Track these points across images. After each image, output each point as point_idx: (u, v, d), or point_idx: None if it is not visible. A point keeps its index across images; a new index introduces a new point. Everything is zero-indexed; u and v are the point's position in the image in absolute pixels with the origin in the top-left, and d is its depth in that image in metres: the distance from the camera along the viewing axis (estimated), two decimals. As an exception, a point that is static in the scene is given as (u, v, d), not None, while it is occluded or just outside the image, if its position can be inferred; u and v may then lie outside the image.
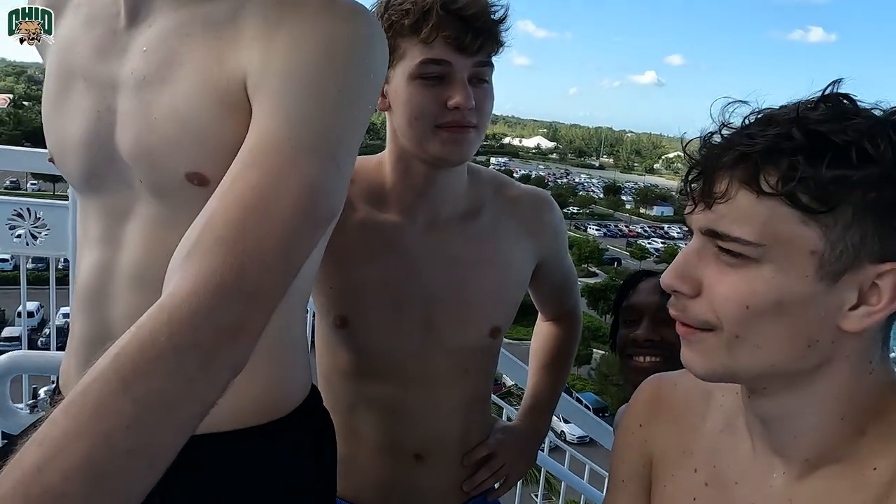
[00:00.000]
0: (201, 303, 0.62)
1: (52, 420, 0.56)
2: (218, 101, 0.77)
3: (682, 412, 0.88)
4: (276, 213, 0.68)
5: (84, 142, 0.86)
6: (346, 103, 0.76)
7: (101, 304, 0.91)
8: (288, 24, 0.76)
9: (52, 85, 0.91)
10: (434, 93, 1.11)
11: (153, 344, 0.59)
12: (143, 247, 0.86)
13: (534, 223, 1.33)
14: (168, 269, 0.68)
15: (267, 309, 0.68)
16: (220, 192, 0.70)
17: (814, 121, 0.63)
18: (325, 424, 1.08)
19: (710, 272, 0.68)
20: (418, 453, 1.30)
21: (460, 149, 1.15)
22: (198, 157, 0.79)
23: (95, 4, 0.89)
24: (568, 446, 2.88)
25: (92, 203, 0.91)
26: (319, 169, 0.72)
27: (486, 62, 1.14)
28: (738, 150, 0.66)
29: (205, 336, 0.61)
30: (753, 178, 0.64)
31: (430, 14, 1.08)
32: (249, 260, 0.65)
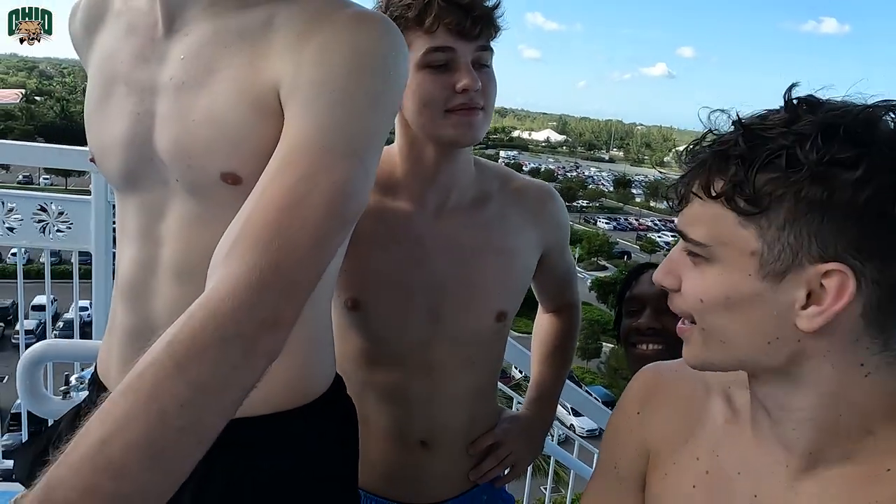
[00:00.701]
0: (243, 297, 0.68)
1: (112, 400, 0.63)
2: (251, 106, 0.84)
3: (684, 401, 0.89)
4: (309, 213, 0.74)
5: (124, 142, 0.93)
6: (373, 109, 0.82)
7: (143, 297, 0.97)
8: (318, 36, 0.81)
9: (94, 90, 0.97)
10: (441, 79, 1.17)
11: (203, 333, 0.66)
12: (181, 243, 0.92)
13: (539, 213, 1.38)
14: (210, 264, 0.75)
15: (300, 301, 0.74)
16: (256, 193, 0.76)
17: (759, 127, 0.68)
18: (349, 411, 1.13)
19: (684, 269, 0.75)
20: (424, 440, 1.34)
21: (471, 131, 1.20)
22: (232, 158, 0.85)
23: (134, 14, 0.95)
24: (577, 437, 2.92)
25: (130, 201, 0.97)
26: (348, 171, 0.78)
27: (487, 46, 1.21)
28: (697, 159, 0.73)
29: (247, 327, 0.68)
30: (705, 184, 0.70)
31: (431, 5, 1.15)
32: (285, 257, 0.71)
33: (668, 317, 1.40)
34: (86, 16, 1.03)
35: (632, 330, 1.46)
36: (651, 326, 1.42)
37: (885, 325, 0.68)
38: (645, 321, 1.43)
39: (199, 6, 0.88)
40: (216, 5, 0.88)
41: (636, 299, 1.48)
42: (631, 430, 0.93)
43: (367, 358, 1.33)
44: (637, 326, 1.44)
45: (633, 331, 1.45)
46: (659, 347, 1.40)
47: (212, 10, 0.88)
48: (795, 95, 0.70)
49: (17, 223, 2.30)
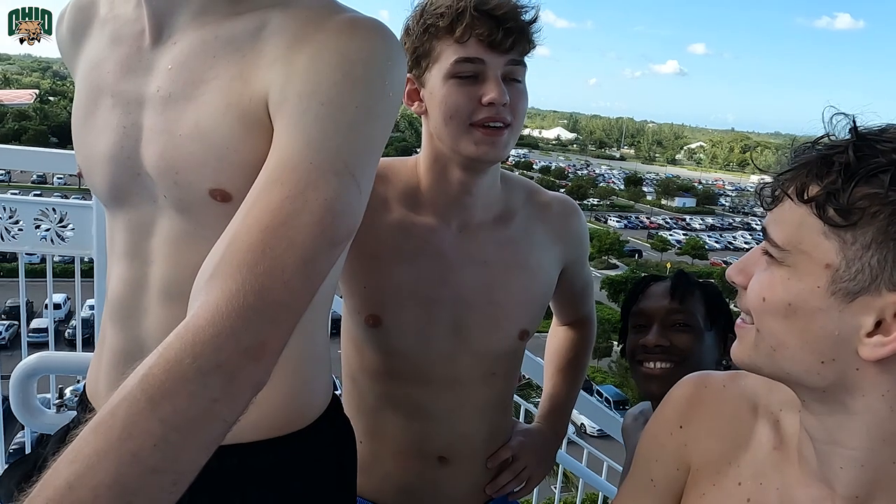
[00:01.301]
0: (224, 324, 0.64)
1: (82, 438, 0.59)
2: (240, 119, 0.79)
3: (730, 420, 0.85)
4: (297, 234, 0.70)
5: (110, 157, 0.89)
6: (365, 122, 0.78)
7: (132, 316, 0.93)
8: (308, 45, 0.77)
9: (81, 101, 0.94)
10: (469, 91, 1.15)
11: (179, 365, 0.62)
12: (170, 262, 0.89)
13: (562, 229, 1.36)
14: (192, 289, 0.71)
15: (288, 327, 0.70)
16: (241, 212, 0.72)
17: (874, 139, 0.64)
18: (345, 433, 1.09)
19: (757, 268, 0.73)
20: (442, 455, 1.32)
21: (494, 149, 1.17)
22: (220, 174, 0.81)
23: (120, 22, 0.91)
24: (585, 443, 2.88)
25: (119, 217, 0.94)
26: (338, 188, 0.74)
27: (519, 61, 1.18)
28: (800, 159, 0.69)
29: (227, 357, 0.64)
30: (800, 187, 0.67)
31: (463, 15, 1.13)
32: (271, 281, 0.68)
33: (676, 333, 1.36)
34: (72, 23, 0.99)
35: (638, 347, 1.39)
36: (659, 344, 1.35)
37: None
38: (653, 338, 1.36)
39: (188, 13, 0.84)
40: (205, 13, 0.84)
41: (643, 314, 1.42)
42: (672, 445, 0.89)
43: (386, 372, 1.31)
44: (644, 343, 1.37)
45: (639, 347, 1.39)
46: (667, 366, 1.34)
47: (201, 17, 0.84)
48: None
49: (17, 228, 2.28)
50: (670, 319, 1.37)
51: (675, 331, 1.36)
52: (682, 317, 1.37)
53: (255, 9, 0.82)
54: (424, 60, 1.18)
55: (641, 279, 1.51)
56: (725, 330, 1.42)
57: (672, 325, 1.36)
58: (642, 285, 1.47)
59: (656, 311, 1.39)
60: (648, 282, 1.47)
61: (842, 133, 0.68)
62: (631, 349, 1.42)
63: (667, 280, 1.44)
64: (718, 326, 1.41)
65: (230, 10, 0.83)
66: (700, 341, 1.36)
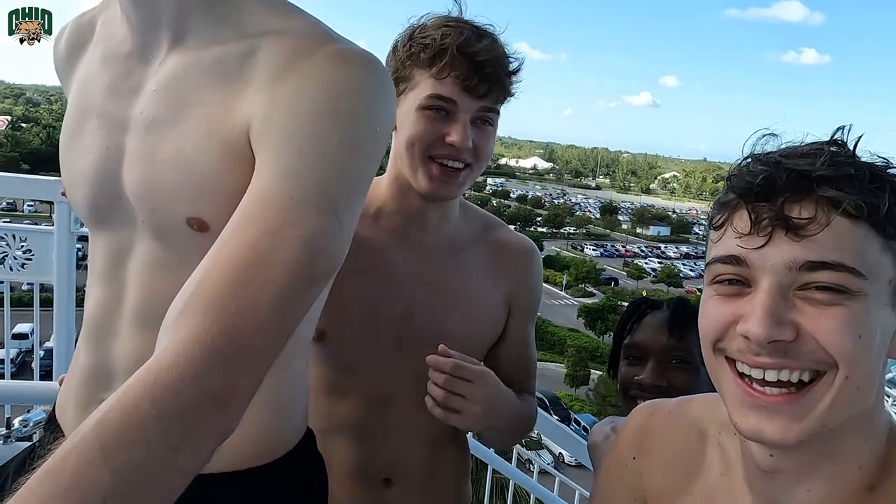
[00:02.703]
0: (188, 368, 0.60)
1: (28, 486, 0.54)
2: (221, 148, 0.77)
3: (680, 449, 0.84)
4: (272, 272, 0.66)
5: (92, 177, 0.87)
6: (349, 157, 0.74)
7: (105, 339, 0.91)
8: (294, 75, 0.74)
9: (69, 120, 0.92)
10: (436, 126, 1.16)
11: (137, 411, 0.57)
12: (144, 288, 0.86)
13: (512, 271, 1.33)
14: (161, 326, 0.66)
15: (259, 372, 0.65)
16: (216, 247, 0.69)
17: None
18: (318, 465, 1.06)
19: (807, 312, 0.62)
20: (387, 477, 1.30)
21: (447, 188, 1.19)
22: (199, 203, 0.78)
23: (112, 43, 0.89)
24: (559, 473, 2.85)
25: (99, 238, 0.92)
26: (319, 225, 0.70)
27: (492, 108, 1.19)
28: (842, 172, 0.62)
29: (190, 403, 0.59)
30: (840, 201, 0.61)
31: (445, 53, 1.13)
32: (242, 322, 0.63)
33: (673, 371, 1.30)
34: (69, 42, 0.98)
35: (633, 383, 1.32)
36: (656, 384, 1.29)
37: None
38: (649, 377, 1.30)
39: (175, 36, 0.82)
40: (193, 36, 0.81)
41: (638, 347, 1.35)
42: (628, 477, 0.88)
43: (330, 390, 1.28)
44: (640, 382, 1.31)
45: (634, 384, 1.32)
46: None
47: (188, 40, 0.81)
48: None
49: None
50: (667, 356, 1.31)
51: (671, 367, 1.31)
52: (679, 353, 1.31)
53: (245, 35, 0.79)
54: (403, 84, 1.19)
55: (634, 305, 1.43)
56: None
57: (668, 363, 1.31)
58: (637, 312, 1.40)
59: (653, 347, 1.33)
60: (644, 310, 1.40)
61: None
62: (624, 382, 1.35)
63: (664, 310, 1.37)
64: None
65: (219, 35, 0.80)
66: (696, 377, 1.30)
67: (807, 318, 0.62)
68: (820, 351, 0.61)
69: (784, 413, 0.63)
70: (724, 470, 0.79)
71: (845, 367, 0.61)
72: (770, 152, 0.67)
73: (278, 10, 0.81)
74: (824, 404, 0.62)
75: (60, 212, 2.26)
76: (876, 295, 0.62)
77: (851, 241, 0.61)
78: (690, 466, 0.82)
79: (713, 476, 0.80)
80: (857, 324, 0.61)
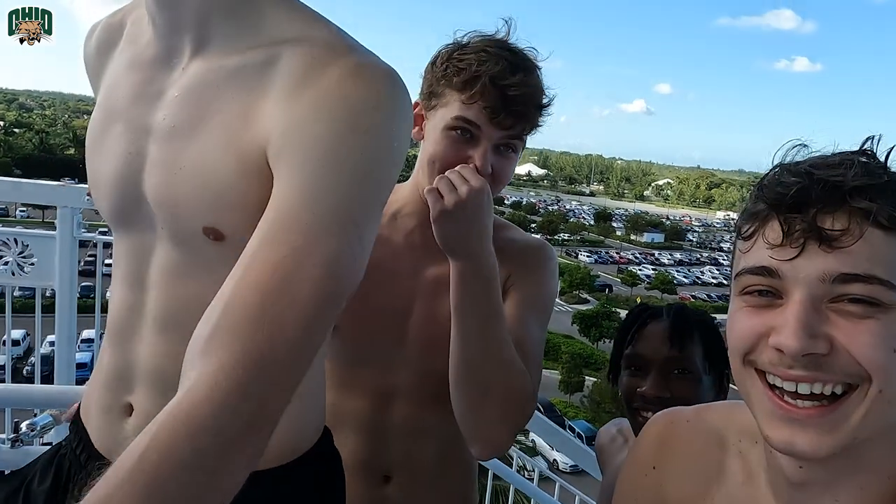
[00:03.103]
0: (223, 401, 0.60)
1: None
2: (238, 160, 0.77)
3: (700, 457, 0.83)
4: (298, 295, 0.66)
5: (115, 182, 0.88)
6: (368, 174, 0.74)
7: (127, 341, 0.92)
8: (311, 89, 0.74)
9: (95, 122, 0.93)
10: (459, 147, 1.18)
11: (176, 451, 0.58)
12: (165, 291, 0.87)
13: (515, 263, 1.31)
14: (186, 356, 0.66)
15: (289, 392, 0.66)
16: (238, 270, 0.68)
17: None
18: (336, 464, 1.07)
19: (841, 325, 0.61)
20: (387, 474, 1.31)
21: None
22: (215, 213, 0.79)
23: (139, 45, 0.90)
24: (558, 478, 2.85)
25: (123, 241, 0.93)
26: (340, 243, 0.70)
27: (518, 136, 1.20)
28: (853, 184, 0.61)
29: (227, 436, 0.60)
30: (878, 214, 0.60)
31: (477, 81, 1.15)
32: (271, 347, 0.64)
33: (675, 381, 1.31)
34: (100, 41, 0.98)
35: (636, 395, 1.32)
36: (659, 395, 1.28)
37: None
38: (652, 388, 1.30)
39: (198, 42, 0.82)
40: (216, 42, 0.81)
41: (640, 358, 1.35)
42: (648, 486, 0.87)
43: (335, 383, 1.29)
44: (642, 394, 1.31)
45: (637, 396, 1.32)
46: None
47: (211, 47, 0.81)
48: None
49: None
50: (669, 367, 1.31)
51: (674, 378, 1.31)
52: (681, 364, 1.31)
53: (267, 42, 0.79)
54: (435, 99, 1.22)
55: (636, 312, 1.42)
56: (723, 371, 1.36)
57: (671, 372, 1.31)
58: (638, 320, 1.39)
59: (655, 358, 1.33)
60: (645, 318, 1.38)
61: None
62: (627, 393, 1.35)
63: (664, 319, 1.37)
64: (716, 369, 1.36)
65: (241, 41, 0.80)
66: (699, 386, 1.31)
67: (840, 332, 0.61)
68: (853, 364, 0.61)
69: (816, 426, 0.62)
70: (746, 479, 0.78)
71: (879, 381, 0.60)
72: (799, 162, 0.66)
73: (300, 17, 0.81)
74: (857, 417, 0.61)
75: (63, 217, 2.26)
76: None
77: (885, 253, 0.60)
78: (711, 474, 0.81)
79: (735, 485, 0.79)
80: (891, 337, 0.60)
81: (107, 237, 2.66)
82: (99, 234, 2.99)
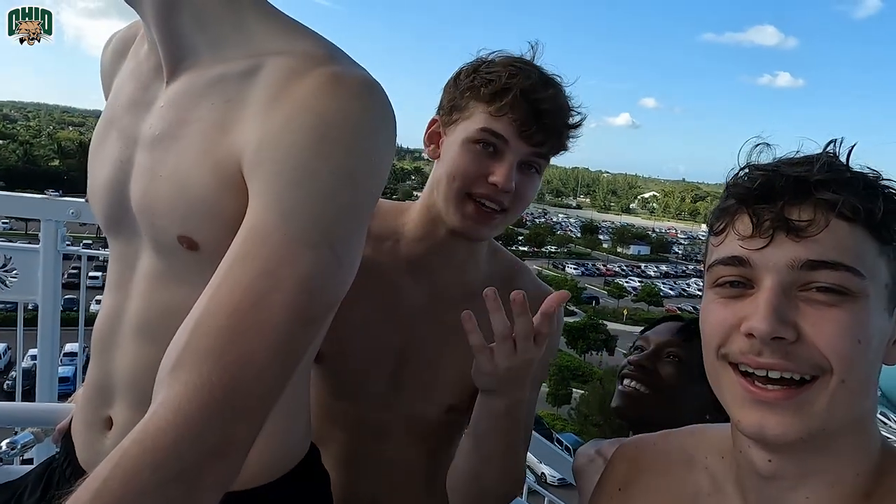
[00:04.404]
0: (186, 427, 0.58)
1: None
2: (213, 170, 0.75)
3: (665, 476, 0.85)
4: (268, 316, 0.64)
5: (106, 189, 0.88)
6: (342, 190, 0.70)
7: (108, 350, 0.91)
8: (286, 101, 0.71)
9: (97, 130, 0.94)
10: (482, 162, 1.11)
11: (137, 479, 0.56)
12: (144, 298, 0.86)
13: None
14: (157, 376, 0.65)
15: (260, 418, 0.64)
16: (210, 290, 0.67)
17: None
18: (323, 482, 1.05)
19: (808, 314, 0.63)
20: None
21: (478, 229, 1.14)
22: (189, 222, 0.78)
23: (138, 58, 0.91)
24: (546, 491, 2.84)
25: (113, 248, 0.93)
26: (315, 263, 0.68)
27: (543, 154, 1.15)
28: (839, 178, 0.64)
29: (190, 462, 0.58)
30: (842, 206, 0.63)
31: (508, 92, 1.09)
32: (239, 372, 0.62)
33: (665, 363, 1.37)
34: (114, 51, 0.99)
35: (626, 364, 1.41)
36: (643, 364, 1.37)
37: None
38: (640, 358, 1.38)
39: (187, 52, 0.82)
40: (203, 53, 0.81)
41: (646, 339, 1.45)
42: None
43: (321, 413, 1.25)
44: (630, 361, 1.39)
45: (627, 364, 1.40)
46: (642, 389, 1.35)
47: (199, 58, 0.81)
48: None
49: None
50: (666, 350, 1.38)
51: (666, 359, 1.37)
52: (678, 350, 1.38)
53: (250, 54, 0.78)
54: (457, 113, 1.16)
55: (664, 317, 1.55)
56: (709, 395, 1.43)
57: (666, 355, 1.38)
58: (660, 320, 1.51)
59: (657, 340, 1.41)
60: (667, 319, 1.50)
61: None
62: (621, 366, 1.43)
63: (683, 321, 1.46)
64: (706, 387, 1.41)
65: (226, 53, 0.79)
66: (685, 379, 1.35)
67: (807, 321, 0.63)
68: (818, 355, 0.63)
69: (784, 408, 0.64)
70: (713, 491, 0.79)
71: (840, 371, 0.62)
72: (766, 163, 0.69)
73: (285, 30, 0.80)
74: (821, 404, 0.63)
75: (47, 230, 2.23)
76: (874, 298, 0.64)
77: (850, 243, 0.63)
78: (677, 491, 0.82)
79: (701, 497, 0.80)
80: (857, 326, 0.62)
81: (90, 251, 2.63)
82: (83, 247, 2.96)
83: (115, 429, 0.90)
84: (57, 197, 2.46)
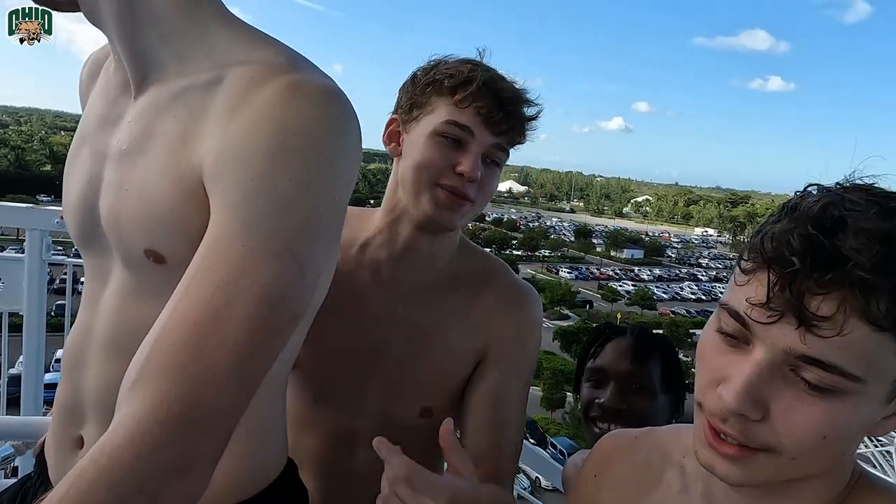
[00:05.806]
0: (145, 443, 0.58)
1: None
2: (175, 182, 0.75)
3: (638, 468, 0.88)
4: (229, 330, 0.63)
5: (78, 204, 0.88)
6: (303, 198, 0.70)
7: (78, 367, 0.90)
8: (245, 110, 0.71)
9: (72, 146, 0.94)
10: (447, 154, 1.14)
11: (92, 497, 0.55)
12: (113, 315, 0.86)
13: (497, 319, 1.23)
14: (119, 394, 0.64)
15: (224, 433, 0.63)
16: (171, 304, 0.66)
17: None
18: (299, 499, 1.04)
19: (784, 397, 0.61)
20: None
21: (451, 215, 1.16)
22: (154, 235, 0.77)
23: (108, 74, 0.91)
24: (538, 499, 2.83)
25: (87, 263, 0.93)
26: (276, 272, 0.67)
27: (504, 147, 1.18)
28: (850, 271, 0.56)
29: (150, 479, 0.57)
30: (867, 307, 0.56)
31: (470, 83, 1.13)
32: (200, 386, 0.61)
33: (634, 395, 1.34)
34: (89, 69, 1.00)
35: (594, 405, 1.35)
36: (616, 407, 1.32)
37: None
38: (610, 401, 1.33)
39: (152, 67, 0.81)
40: (168, 67, 0.80)
41: (600, 371, 1.38)
42: (587, 493, 0.93)
43: (296, 422, 1.24)
44: (600, 405, 1.34)
45: (595, 406, 1.35)
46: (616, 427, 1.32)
47: (164, 72, 0.81)
48: None
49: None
50: (628, 381, 1.35)
51: (632, 392, 1.34)
52: (640, 379, 1.35)
53: (214, 65, 0.77)
54: (418, 110, 1.18)
55: (601, 330, 1.46)
56: (679, 392, 1.41)
57: (629, 388, 1.34)
58: (601, 338, 1.43)
59: (615, 371, 1.37)
60: (609, 335, 1.43)
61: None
62: (586, 403, 1.38)
63: (627, 337, 1.41)
64: (673, 389, 1.40)
65: (190, 66, 0.79)
66: (654, 403, 1.35)
67: (779, 405, 0.61)
68: (774, 440, 0.61)
69: (734, 461, 0.64)
70: (683, 488, 0.81)
71: (793, 454, 0.62)
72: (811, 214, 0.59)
73: (247, 40, 0.80)
74: (769, 471, 0.64)
75: (32, 239, 2.22)
76: (869, 394, 0.59)
77: (863, 350, 0.57)
78: (648, 484, 0.85)
79: (671, 494, 0.82)
80: (827, 425, 0.60)
81: (78, 259, 2.62)
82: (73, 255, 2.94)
83: (85, 448, 0.89)
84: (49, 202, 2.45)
